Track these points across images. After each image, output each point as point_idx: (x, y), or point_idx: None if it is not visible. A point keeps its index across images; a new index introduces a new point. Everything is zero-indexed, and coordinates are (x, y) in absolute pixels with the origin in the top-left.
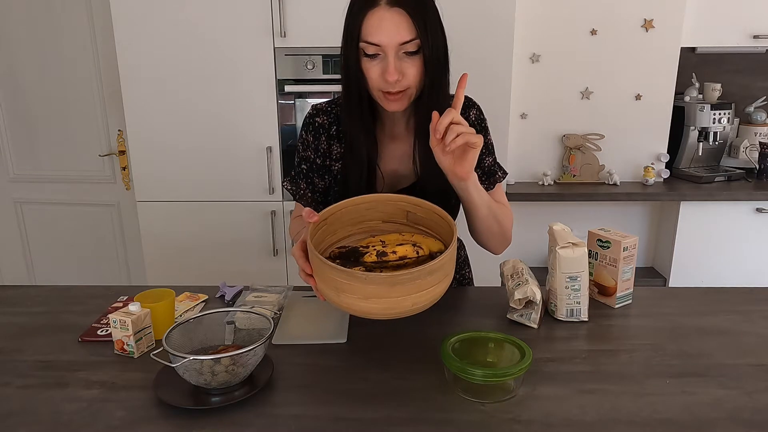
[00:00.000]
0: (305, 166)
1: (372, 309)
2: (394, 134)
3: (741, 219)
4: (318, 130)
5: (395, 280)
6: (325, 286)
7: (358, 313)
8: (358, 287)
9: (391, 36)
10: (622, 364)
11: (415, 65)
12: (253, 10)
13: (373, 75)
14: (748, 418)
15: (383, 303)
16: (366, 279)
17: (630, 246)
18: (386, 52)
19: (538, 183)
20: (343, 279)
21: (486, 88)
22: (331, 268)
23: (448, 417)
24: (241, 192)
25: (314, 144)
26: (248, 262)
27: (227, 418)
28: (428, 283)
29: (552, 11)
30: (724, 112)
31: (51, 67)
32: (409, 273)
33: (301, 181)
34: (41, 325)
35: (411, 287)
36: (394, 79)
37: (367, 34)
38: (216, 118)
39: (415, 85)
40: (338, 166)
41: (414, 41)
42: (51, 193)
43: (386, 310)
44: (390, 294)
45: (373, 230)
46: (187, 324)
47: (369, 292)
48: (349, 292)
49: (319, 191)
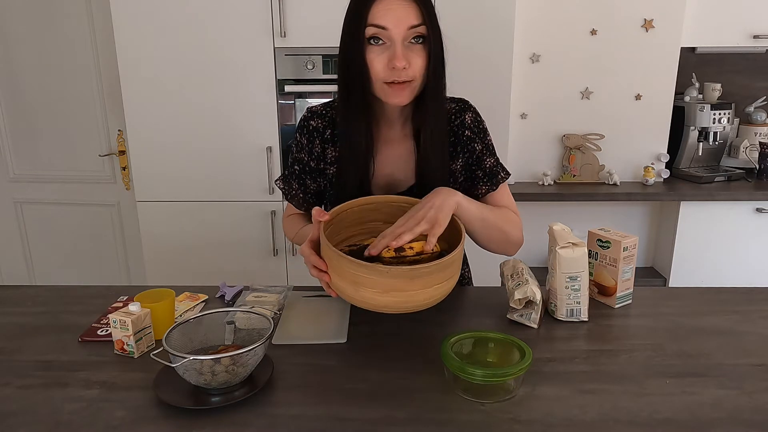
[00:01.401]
0: (298, 168)
1: (389, 303)
2: (389, 138)
3: (741, 219)
4: (312, 133)
5: (415, 273)
6: (343, 281)
7: (374, 307)
8: (379, 281)
9: (400, 19)
10: (622, 364)
11: (420, 56)
12: (253, 10)
13: (377, 65)
14: (748, 418)
15: (401, 296)
16: (388, 272)
17: (630, 246)
18: (394, 38)
19: (538, 183)
20: (363, 273)
21: (486, 88)
22: (351, 262)
23: (448, 417)
24: (241, 192)
25: (308, 147)
26: (248, 262)
27: (227, 418)
28: (442, 278)
29: (552, 11)
30: (724, 112)
31: (51, 67)
32: (428, 266)
33: (294, 182)
34: (41, 325)
35: (428, 281)
36: (402, 64)
37: (374, 17)
38: (216, 118)
39: (419, 77)
40: (333, 170)
41: (421, 26)
42: (51, 193)
43: (402, 304)
44: (409, 287)
45: (375, 231)
46: (187, 324)
47: (389, 286)
48: (368, 286)
49: (311, 193)
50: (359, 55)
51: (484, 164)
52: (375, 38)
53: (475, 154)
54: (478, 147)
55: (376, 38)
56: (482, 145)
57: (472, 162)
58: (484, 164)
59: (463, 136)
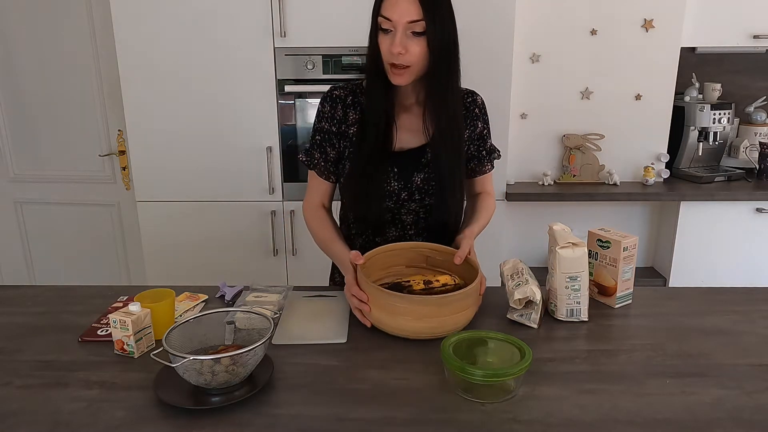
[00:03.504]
0: (319, 137)
1: (422, 329)
2: (405, 105)
3: (741, 219)
4: (335, 100)
5: (443, 301)
6: (381, 311)
7: (410, 333)
8: (414, 309)
9: (401, 14)
10: (622, 364)
11: (419, 45)
12: (253, 10)
13: (383, 48)
14: (748, 418)
15: (432, 322)
16: (421, 300)
17: (630, 246)
18: (396, 28)
19: (538, 183)
20: (400, 303)
21: (486, 88)
22: (390, 294)
23: (448, 417)
24: (241, 192)
25: (330, 113)
26: (248, 262)
27: (227, 418)
28: (466, 305)
29: (552, 11)
30: (724, 112)
31: (51, 67)
32: (454, 295)
33: (315, 152)
34: (41, 325)
35: (455, 307)
36: (398, 51)
37: (384, 10)
38: (216, 118)
39: (417, 63)
40: (353, 130)
41: (419, 22)
42: (51, 193)
43: (434, 329)
44: (439, 314)
45: (399, 274)
46: (187, 324)
47: (422, 313)
48: (404, 315)
49: (330, 161)
50: (375, 38)
51: (486, 144)
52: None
53: (477, 130)
54: (481, 126)
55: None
56: (484, 126)
57: (475, 137)
58: (487, 144)
59: (473, 112)
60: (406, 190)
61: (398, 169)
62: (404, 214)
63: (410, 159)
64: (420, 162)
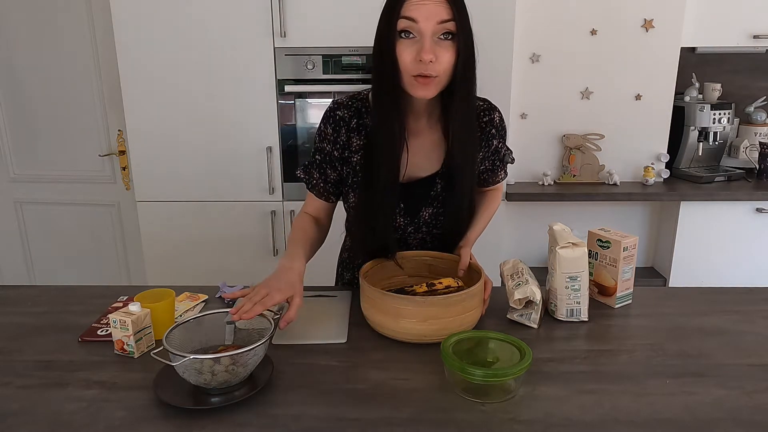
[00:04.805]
0: (319, 157)
1: (427, 331)
2: (417, 130)
3: (741, 219)
4: (339, 122)
5: (448, 301)
6: (385, 315)
7: (414, 337)
8: (418, 311)
9: (431, 13)
10: (622, 364)
11: (449, 51)
12: (253, 10)
13: (406, 58)
14: (748, 418)
15: (437, 324)
16: (425, 302)
17: (630, 246)
18: (423, 32)
19: (538, 183)
20: (403, 306)
21: (486, 88)
22: (394, 297)
23: (448, 417)
24: (241, 192)
25: (333, 136)
26: (248, 262)
27: (227, 418)
28: (470, 306)
29: (552, 11)
30: (724, 112)
31: (51, 67)
32: (458, 295)
33: (315, 171)
34: (41, 325)
35: (460, 308)
36: (429, 57)
37: (407, 10)
38: (216, 118)
39: (445, 72)
40: (357, 158)
41: (451, 22)
42: (51, 193)
43: (439, 331)
44: (444, 315)
45: (402, 284)
46: (187, 324)
47: (427, 314)
48: (408, 317)
49: (331, 182)
50: (391, 47)
51: (500, 154)
52: (406, 32)
53: (493, 148)
54: (498, 143)
55: (407, 32)
56: (501, 142)
57: (490, 154)
58: (501, 154)
59: (489, 132)
60: (412, 225)
61: (405, 205)
62: (410, 241)
63: (419, 191)
64: (429, 195)
